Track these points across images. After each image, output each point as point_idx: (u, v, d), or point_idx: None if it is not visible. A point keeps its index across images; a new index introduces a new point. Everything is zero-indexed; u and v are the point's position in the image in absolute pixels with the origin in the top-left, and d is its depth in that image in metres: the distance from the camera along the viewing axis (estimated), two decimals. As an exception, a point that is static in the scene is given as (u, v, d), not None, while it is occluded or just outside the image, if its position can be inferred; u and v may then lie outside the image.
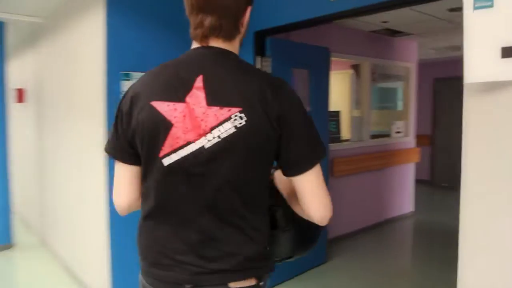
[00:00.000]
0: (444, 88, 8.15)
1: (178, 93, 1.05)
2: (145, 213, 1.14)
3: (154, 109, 1.05)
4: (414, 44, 5.94)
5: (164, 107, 1.04)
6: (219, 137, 1.02)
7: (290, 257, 1.27)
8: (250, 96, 1.03)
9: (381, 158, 5.44)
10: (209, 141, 1.02)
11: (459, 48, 6.09)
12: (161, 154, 1.05)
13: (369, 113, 5.42)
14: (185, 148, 1.04)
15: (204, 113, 1.03)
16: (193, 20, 1.10)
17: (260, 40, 3.36)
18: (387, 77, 5.88)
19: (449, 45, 6.08)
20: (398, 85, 6.21)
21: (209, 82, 1.05)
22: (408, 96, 6.06)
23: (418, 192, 6.29)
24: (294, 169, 1.08)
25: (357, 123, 5.35)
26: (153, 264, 1.12)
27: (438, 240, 5.08)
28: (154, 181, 1.09)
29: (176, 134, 1.03)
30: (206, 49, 1.10)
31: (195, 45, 1.13)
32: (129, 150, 1.12)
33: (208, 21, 1.07)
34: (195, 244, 1.07)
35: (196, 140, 1.03)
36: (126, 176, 1.16)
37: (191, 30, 1.12)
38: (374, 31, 5.13)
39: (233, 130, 1.01)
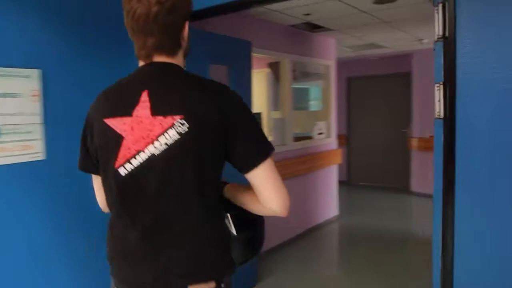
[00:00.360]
0: (356, 87, 8.21)
1: (127, 109, 1.13)
2: (110, 220, 1.23)
3: (106, 125, 1.14)
4: (332, 40, 5.71)
5: (114, 123, 1.13)
6: (166, 144, 1.08)
7: (244, 262, 1.31)
8: (191, 103, 1.10)
9: (305, 162, 5.09)
10: (156, 148, 1.09)
11: (377, 45, 6.02)
12: (117, 165, 1.13)
13: (291, 114, 5.04)
14: (136, 157, 1.11)
15: (150, 123, 1.10)
16: (136, 41, 1.17)
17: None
18: (306, 75, 5.57)
19: (365, 43, 5.96)
20: (317, 84, 5.96)
21: (153, 95, 1.12)
22: (328, 95, 5.82)
23: (339, 193, 6.09)
24: (245, 166, 1.12)
25: (279, 125, 4.94)
26: (118, 268, 1.20)
27: (366, 243, 4.91)
28: (113, 191, 1.17)
29: (127, 145, 1.11)
30: (151, 66, 1.18)
31: (141, 63, 1.20)
32: (97, 164, 1.22)
33: (150, 42, 1.14)
34: (154, 249, 1.13)
35: (144, 148, 1.10)
36: (100, 184, 1.27)
37: (136, 51, 1.19)
38: (293, 25, 4.76)
39: (178, 136, 1.08)
